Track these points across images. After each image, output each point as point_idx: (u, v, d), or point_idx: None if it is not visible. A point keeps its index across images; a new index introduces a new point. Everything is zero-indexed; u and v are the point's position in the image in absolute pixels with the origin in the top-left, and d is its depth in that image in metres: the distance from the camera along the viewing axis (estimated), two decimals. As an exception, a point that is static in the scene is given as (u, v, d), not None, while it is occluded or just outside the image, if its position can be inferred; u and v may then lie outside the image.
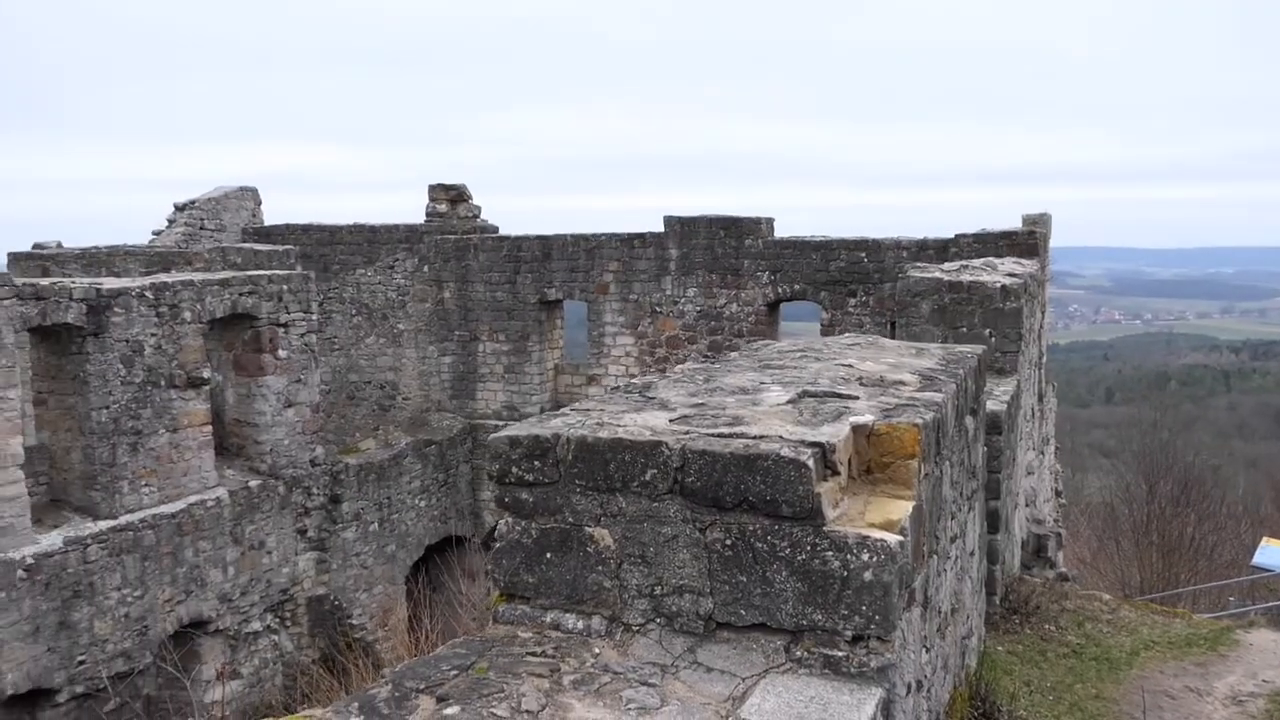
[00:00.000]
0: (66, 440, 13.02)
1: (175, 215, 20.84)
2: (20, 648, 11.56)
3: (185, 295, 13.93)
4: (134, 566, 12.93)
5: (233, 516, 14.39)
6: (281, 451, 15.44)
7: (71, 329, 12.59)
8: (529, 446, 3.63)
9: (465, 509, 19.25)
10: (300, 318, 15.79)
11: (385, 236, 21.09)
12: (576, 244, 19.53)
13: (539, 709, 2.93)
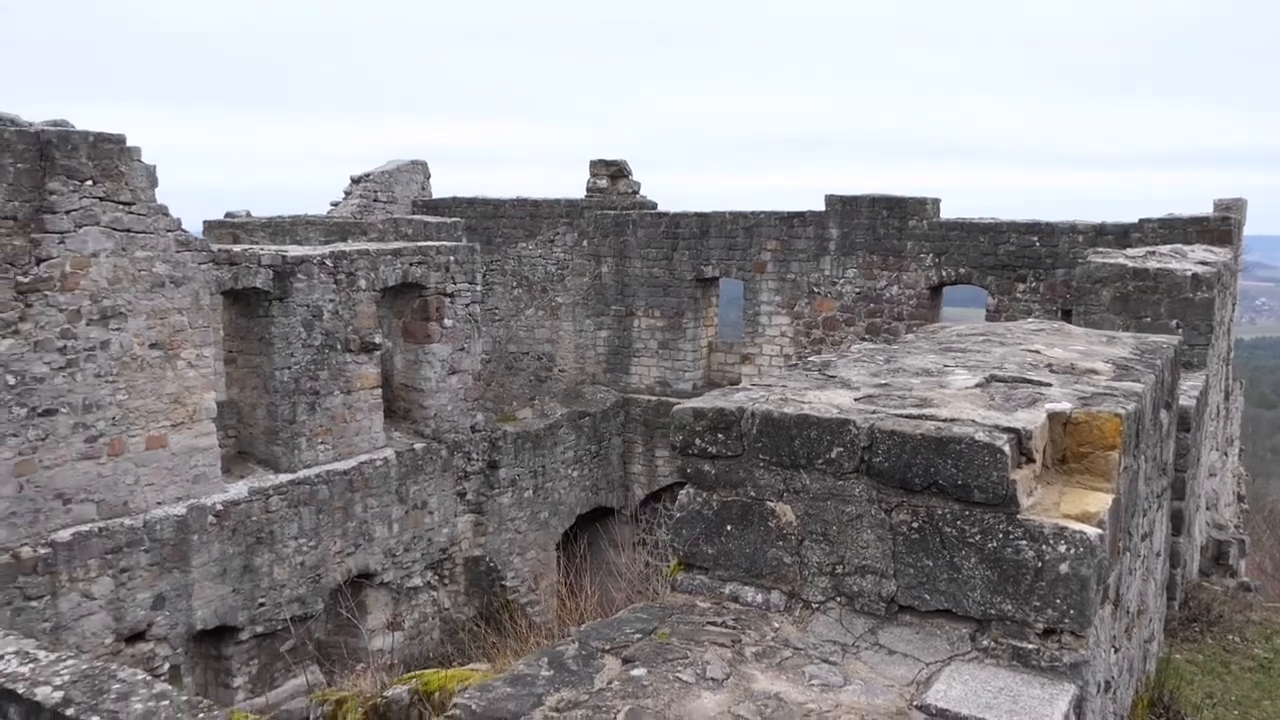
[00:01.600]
0: (253, 397, 13.88)
1: (351, 187, 21.85)
2: (210, 587, 12.45)
3: (361, 264, 14.59)
4: (309, 518, 13.72)
5: (398, 476, 15.06)
6: (444, 417, 16.04)
7: (259, 293, 13.38)
8: (713, 419, 3.65)
9: (616, 481, 19.56)
10: (465, 288, 16.32)
11: (546, 211, 21.53)
12: (735, 221, 19.45)
13: (723, 677, 2.96)
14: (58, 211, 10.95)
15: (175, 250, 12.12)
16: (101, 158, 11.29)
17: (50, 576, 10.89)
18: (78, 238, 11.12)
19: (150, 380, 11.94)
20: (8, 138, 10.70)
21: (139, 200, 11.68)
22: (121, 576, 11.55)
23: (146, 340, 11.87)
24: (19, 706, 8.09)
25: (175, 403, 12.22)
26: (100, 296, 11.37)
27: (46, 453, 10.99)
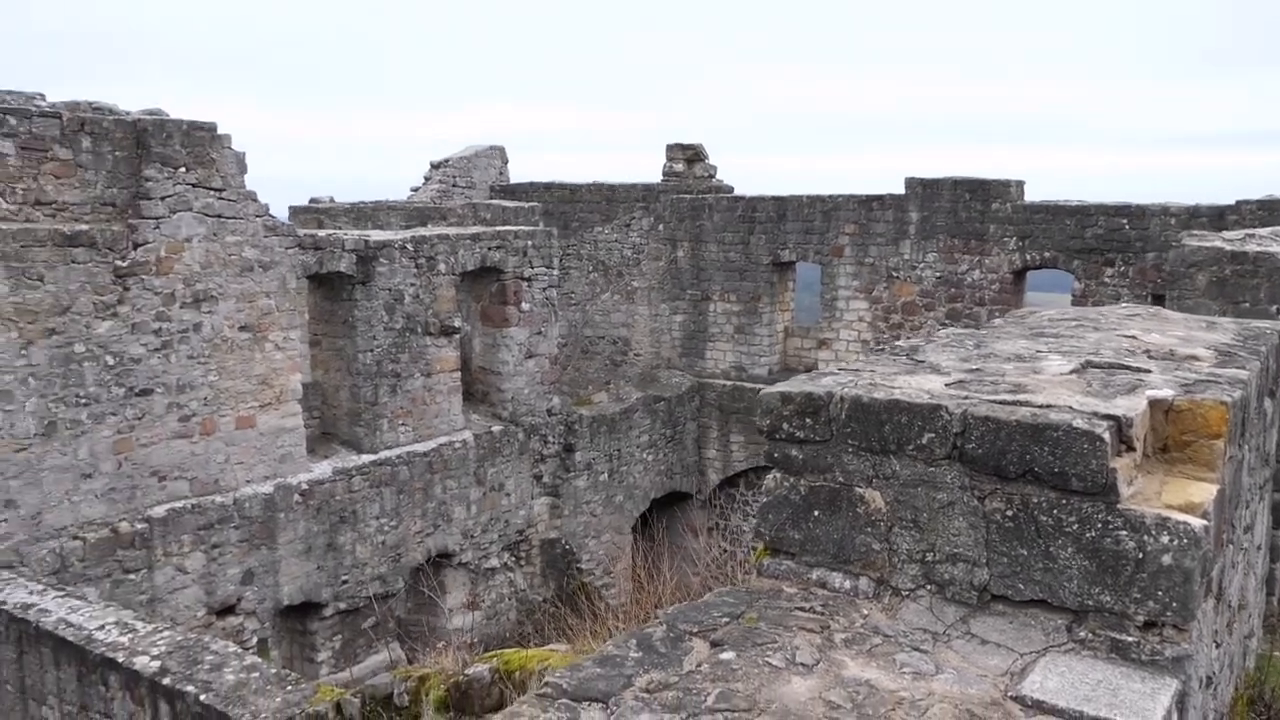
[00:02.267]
0: (336, 379, 14.20)
1: (431, 173, 22.16)
2: (296, 564, 12.80)
3: (440, 248, 14.79)
4: (390, 498, 14.00)
5: (476, 458, 15.27)
6: (521, 400, 16.21)
7: (343, 277, 13.66)
8: (800, 403, 3.61)
9: (690, 465, 19.56)
10: (543, 272, 16.44)
11: (623, 195, 21.56)
12: (812, 205, 19.24)
13: (813, 663, 2.94)
14: (153, 198, 11.31)
15: (263, 235, 12.43)
16: (194, 145, 11.63)
17: (146, 551, 11.31)
18: (172, 223, 11.47)
19: (240, 362, 12.28)
20: (106, 126, 11.08)
21: (229, 186, 12.00)
22: (213, 552, 11.94)
23: (236, 323, 12.21)
24: (119, 675, 8.43)
25: (263, 384, 12.56)
26: (193, 280, 11.72)
27: (143, 431, 11.40)
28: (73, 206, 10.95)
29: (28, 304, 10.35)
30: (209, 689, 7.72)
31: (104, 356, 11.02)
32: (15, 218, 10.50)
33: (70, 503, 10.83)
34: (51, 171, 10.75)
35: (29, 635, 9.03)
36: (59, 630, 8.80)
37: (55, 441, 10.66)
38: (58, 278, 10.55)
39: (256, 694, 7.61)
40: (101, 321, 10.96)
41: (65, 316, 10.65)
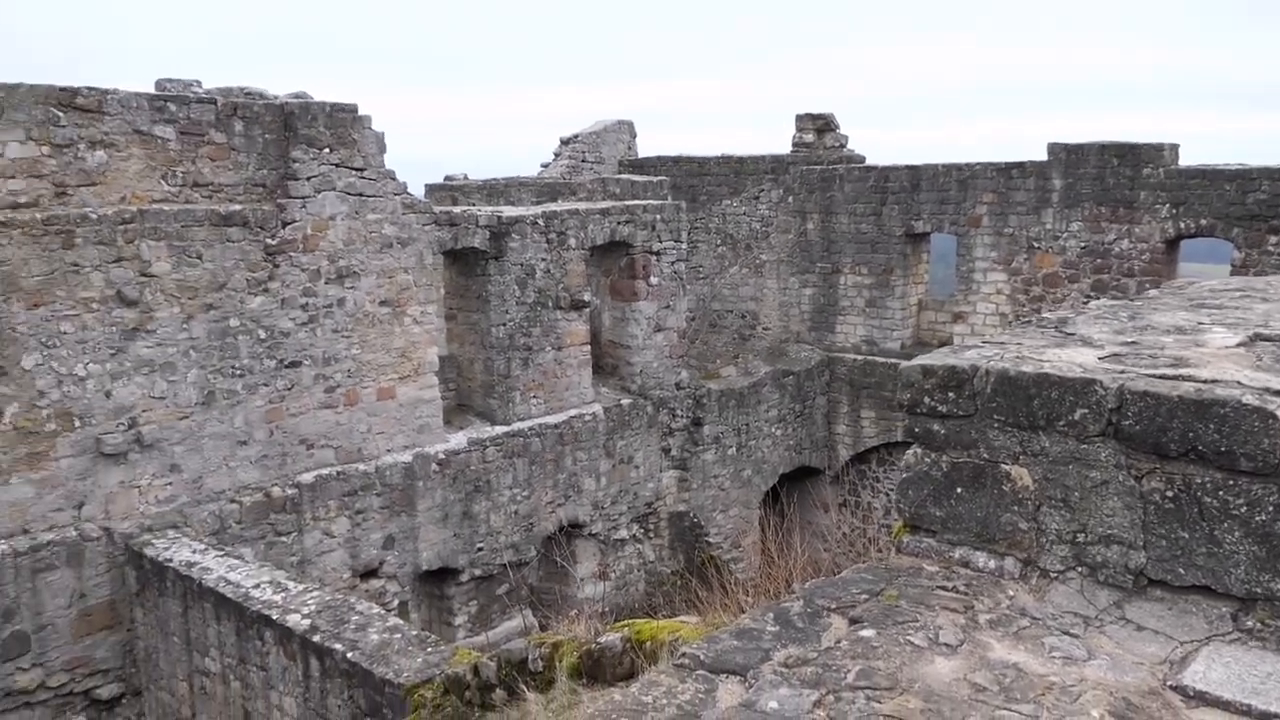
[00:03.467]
0: (470, 353, 14.58)
1: (560, 149, 22.40)
2: (433, 530, 13.25)
3: (571, 223, 14.96)
4: (523, 469, 14.32)
5: (606, 431, 15.46)
6: (650, 373, 16.31)
7: (477, 252, 13.97)
8: (943, 377, 3.50)
9: (820, 441, 19.33)
10: (671, 246, 16.45)
11: (751, 167, 21.34)
12: (948, 174, 18.63)
13: (957, 643, 2.87)
14: (299, 178, 11.79)
15: (402, 213, 12.82)
16: (337, 126, 12.05)
17: (296, 515, 11.88)
18: (317, 202, 11.94)
19: (380, 335, 12.73)
20: (257, 110, 11.59)
21: (370, 166, 12.40)
22: (357, 517, 12.46)
23: (377, 298, 12.65)
24: (273, 631, 8.90)
25: (402, 357, 12.99)
26: (337, 257, 12.19)
27: (292, 401, 11.96)
28: (227, 188, 11.51)
29: (188, 280, 10.96)
30: (355, 647, 8.09)
31: (256, 330, 11.59)
32: (176, 199, 11.11)
33: (228, 468, 11.47)
34: (208, 154, 11.33)
35: (193, 591, 9.64)
36: (220, 587, 9.35)
37: (214, 410, 11.29)
38: (214, 255, 11.13)
39: (399, 653, 7.93)
40: (254, 297, 11.52)
41: (221, 292, 11.24)
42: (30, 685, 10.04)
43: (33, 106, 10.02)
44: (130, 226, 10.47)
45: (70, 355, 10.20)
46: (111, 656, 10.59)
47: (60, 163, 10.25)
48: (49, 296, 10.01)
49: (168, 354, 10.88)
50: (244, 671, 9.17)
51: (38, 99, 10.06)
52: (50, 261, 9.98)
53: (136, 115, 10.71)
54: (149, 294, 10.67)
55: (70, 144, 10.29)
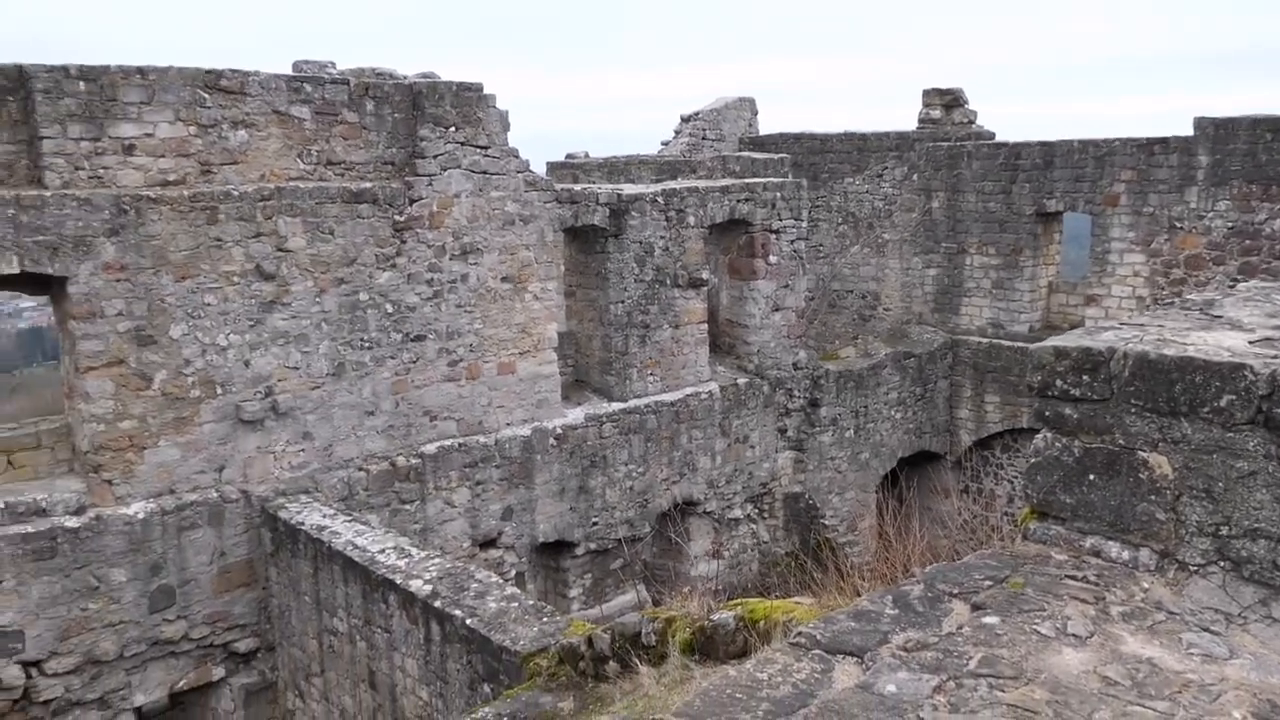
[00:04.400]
0: (589, 329, 14.73)
1: (681, 126, 22.34)
2: (550, 504, 13.49)
3: (690, 201, 14.92)
4: (639, 446, 14.42)
5: (722, 410, 15.43)
6: (768, 353, 16.18)
7: (596, 230, 14.08)
8: (1077, 359, 3.37)
9: (940, 425, 18.87)
10: (791, 224, 16.24)
11: (875, 144, 20.87)
12: (1084, 150, 17.82)
13: (1086, 635, 2.76)
14: (426, 156, 12.08)
15: (524, 190, 13.01)
16: (463, 105, 12.29)
17: (420, 484, 12.26)
18: (443, 179, 12.22)
19: (502, 311, 12.98)
20: (387, 90, 11.92)
21: (494, 144, 12.62)
22: (477, 488, 12.78)
23: (499, 274, 12.89)
24: (397, 594, 9.21)
25: (523, 332, 13.22)
26: (461, 234, 12.46)
27: (417, 374, 12.32)
28: (358, 165, 11.88)
29: (321, 255, 11.38)
30: (474, 614, 8.31)
31: (384, 304, 11.96)
32: (311, 177, 11.54)
33: (356, 437, 11.91)
34: (340, 133, 11.71)
35: (323, 554, 10.06)
36: (348, 551, 9.74)
37: (344, 381, 11.73)
38: (346, 231, 11.52)
39: (515, 622, 8.11)
40: (382, 272, 11.89)
41: (352, 267, 11.63)
42: (175, 636, 10.67)
43: (181, 89, 10.54)
44: (269, 203, 10.93)
45: (213, 326, 10.73)
46: (248, 612, 11.16)
47: (205, 142, 10.76)
48: (195, 270, 10.55)
49: (301, 326, 11.33)
50: (369, 632, 9.53)
51: (186, 81, 10.57)
52: (196, 236, 10.50)
53: (275, 96, 11.14)
54: (285, 268, 11.13)
55: (214, 124, 10.78)
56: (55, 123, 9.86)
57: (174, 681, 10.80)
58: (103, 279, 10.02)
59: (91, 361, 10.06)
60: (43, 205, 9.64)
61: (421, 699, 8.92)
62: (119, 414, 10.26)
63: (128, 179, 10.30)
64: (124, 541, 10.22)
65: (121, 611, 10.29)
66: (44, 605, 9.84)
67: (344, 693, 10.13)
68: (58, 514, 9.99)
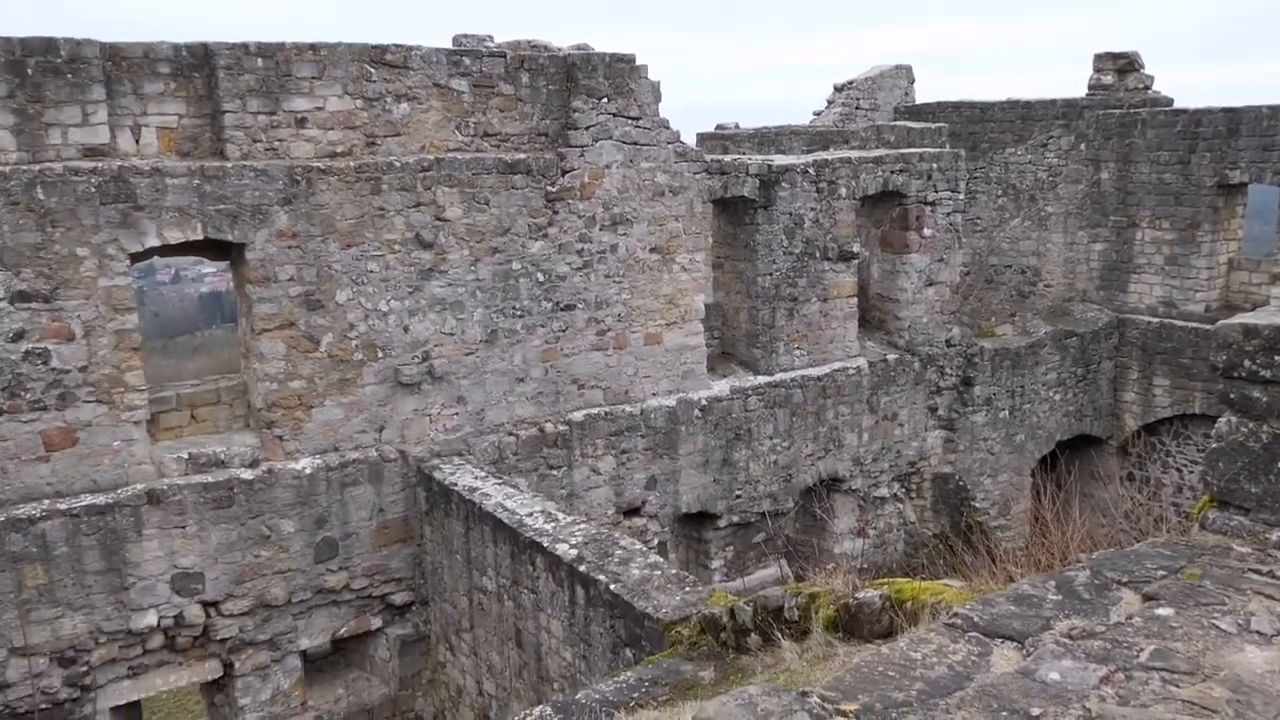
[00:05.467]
0: (736, 301, 14.65)
1: (834, 96, 21.87)
2: (694, 475, 13.55)
3: (842, 172, 14.60)
4: (784, 420, 14.30)
5: (870, 386, 15.12)
6: (919, 329, 15.74)
7: (745, 201, 13.96)
8: (1269, 338, 3.13)
9: (1103, 408, 17.98)
10: (947, 197, 15.70)
11: (1040, 112, 19.91)
12: (1274, 116, 16.53)
13: (1273, 633, 2.58)
14: (579, 127, 12.21)
15: (674, 161, 13.00)
16: (615, 76, 12.36)
17: (566, 450, 12.51)
18: (594, 150, 12.34)
19: (649, 282, 13.05)
20: (542, 63, 12.09)
21: (645, 115, 12.65)
22: (622, 457, 12.94)
23: (647, 245, 12.95)
24: (543, 557, 9.45)
25: (670, 303, 13.27)
26: (611, 204, 12.57)
27: (566, 342, 12.54)
28: (513, 137, 12.13)
29: (477, 225, 11.70)
30: (618, 580, 8.44)
31: (535, 274, 12.21)
32: (468, 148, 11.84)
33: (506, 402, 12.24)
34: (497, 105, 11.96)
35: (474, 514, 10.41)
36: (497, 513, 10.04)
37: (496, 348, 12.05)
38: (500, 202, 11.80)
39: (658, 590, 8.19)
40: (534, 242, 12.12)
41: (505, 237, 11.91)
42: (337, 586, 11.27)
43: (349, 64, 10.97)
44: (428, 174, 11.29)
45: (375, 292, 11.20)
46: (404, 567, 11.68)
47: (370, 115, 11.18)
48: (359, 238, 11.01)
49: (457, 293, 11.69)
50: (516, 592, 9.82)
51: (354, 56, 11.00)
52: (361, 206, 10.96)
53: (436, 70, 11.46)
54: (443, 237, 11.49)
55: (379, 98, 11.19)
56: (236, 97, 10.43)
57: (336, 629, 11.43)
58: (276, 246, 10.58)
59: (265, 324, 10.66)
60: (224, 176, 10.23)
61: (565, 659, 9.15)
62: (289, 374, 10.85)
63: (299, 150, 10.82)
64: (293, 494, 10.84)
65: (290, 560, 10.93)
66: (221, 551, 10.55)
67: (492, 649, 10.49)
68: (235, 466, 10.68)
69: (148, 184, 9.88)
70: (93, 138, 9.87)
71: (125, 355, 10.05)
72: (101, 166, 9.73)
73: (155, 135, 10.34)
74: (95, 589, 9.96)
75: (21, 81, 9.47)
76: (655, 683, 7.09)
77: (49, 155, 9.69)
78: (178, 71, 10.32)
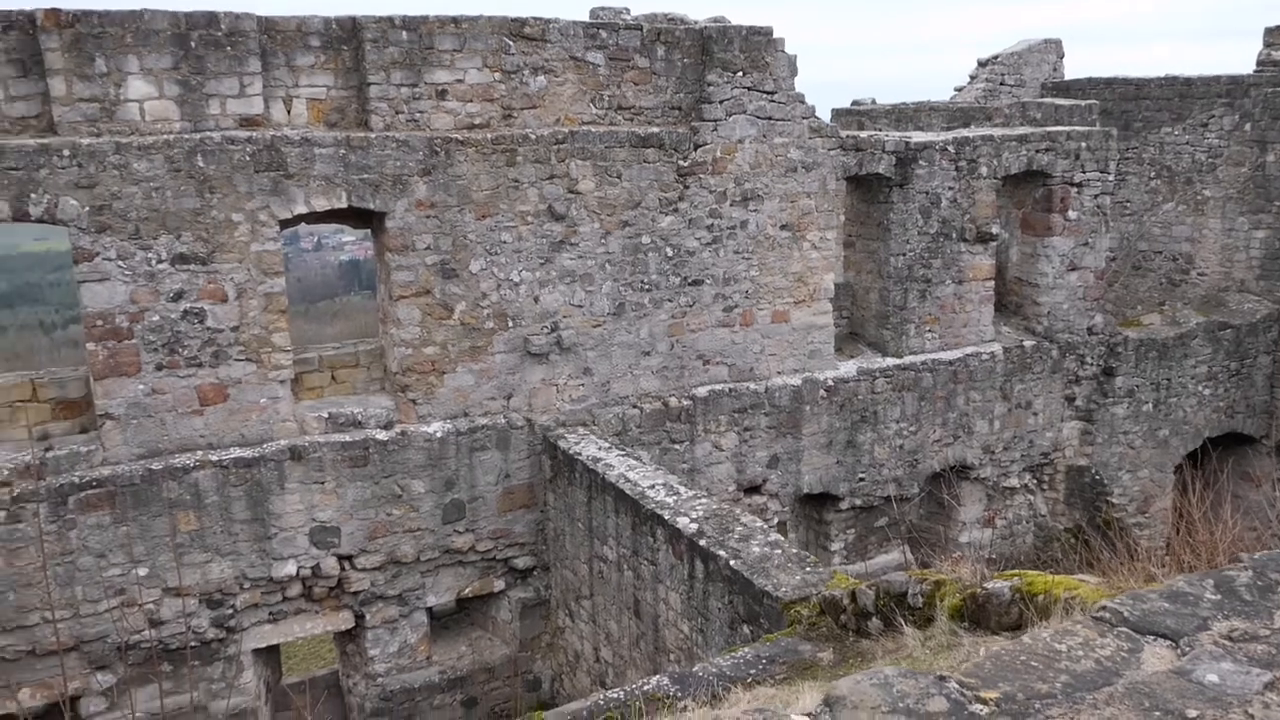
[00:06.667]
0: (866, 281, 14.37)
1: (977, 71, 21.10)
2: (817, 455, 13.40)
3: (983, 150, 14.10)
4: (911, 404, 13.98)
5: (1004, 373, 14.63)
6: (1059, 315, 15.13)
7: (880, 179, 13.63)
8: None
9: (1258, 406, 16.94)
10: (1095, 178, 14.99)
11: (1200, 90, 18.75)
12: None
13: None
14: (713, 101, 12.13)
15: (808, 137, 12.79)
16: (751, 49, 12.21)
17: (689, 425, 12.54)
18: (728, 125, 12.24)
19: (779, 259, 12.91)
20: (678, 35, 12.04)
21: (780, 89, 12.47)
22: (744, 434, 12.89)
23: (778, 222, 12.80)
24: (664, 530, 9.51)
25: (798, 282, 13.10)
26: (742, 180, 12.47)
27: (693, 318, 12.54)
28: (646, 110, 12.13)
29: (608, 198, 11.77)
30: (738, 556, 8.44)
31: (664, 248, 12.22)
32: (602, 121, 11.91)
33: (631, 375, 12.33)
34: (631, 79, 11.99)
35: (597, 484, 10.55)
36: (619, 484, 10.15)
37: (623, 321, 12.14)
38: (632, 176, 11.84)
39: (778, 568, 8.15)
40: (664, 216, 12.13)
41: (636, 210, 11.95)
42: (464, 547, 11.61)
43: (489, 36, 11.15)
44: (562, 146, 11.41)
45: (507, 262, 11.41)
46: (527, 533, 11.94)
47: (508, 88, 11.35)
48: (494, 209, 11.23)
49: (587, 266, 11.81)
50: (636, 563, 9.93)
51: (493, 29, 11.18)
52: (496, 177, 11.16)
53: (573, 43, 11.55)
54: (574, 210, 11.61)
55: (517, 70, 11.35)
56: (381, 69, 10.74)
57: (461, 588, 11.78)
58: (415, 215, 10.89)
59: (403, 290, 11.00)
60: (368, 146, 10.57)
61: (682, 632, 9.21)
62: (424, 340, 11.18)
63: (439, 122, 11.08)
64: (424, 456, 11.19)
65: (419, 520, 11.32)
66: (356, 507, 10.99)
67: (610, 617, 10.64)
68: (370, 427, 11.09)
69: (298, 153, 10.30)
70: (248, 108, 10.33)
71: (273, 317, 10.53)
72: (256, 136, 10.18)
73: (305, 106, 10.75)
74: (241, 537, 10.53)
75: (185, 54, 9.98)
76: (773, 660, 7.07)
77: (209, 125, 10.19)
78: (327, 44, 10.69)
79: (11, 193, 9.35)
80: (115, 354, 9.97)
